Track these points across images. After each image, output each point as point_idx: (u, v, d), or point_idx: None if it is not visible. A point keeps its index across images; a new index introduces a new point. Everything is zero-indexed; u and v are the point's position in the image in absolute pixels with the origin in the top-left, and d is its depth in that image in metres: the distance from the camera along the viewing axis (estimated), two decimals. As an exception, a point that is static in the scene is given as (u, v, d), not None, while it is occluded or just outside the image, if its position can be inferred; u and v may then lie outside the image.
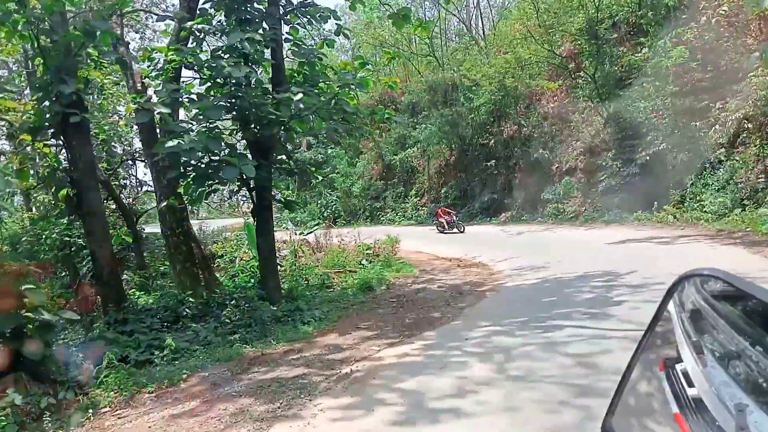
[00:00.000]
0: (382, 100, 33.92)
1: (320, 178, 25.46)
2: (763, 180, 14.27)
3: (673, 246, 13.13)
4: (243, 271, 13.72)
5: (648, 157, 18.80)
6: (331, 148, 36.52)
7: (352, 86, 10.98)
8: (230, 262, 16.93)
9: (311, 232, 17.53)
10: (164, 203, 11.23)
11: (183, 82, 11.86)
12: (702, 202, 15.92)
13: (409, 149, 33.64)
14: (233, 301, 9.81)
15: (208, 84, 10.47)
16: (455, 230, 22.72)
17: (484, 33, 35.67)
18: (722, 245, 11.98)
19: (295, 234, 16.15)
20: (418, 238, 21.48)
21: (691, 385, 1.25)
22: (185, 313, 9.81)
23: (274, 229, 22.94)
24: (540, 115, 26.34)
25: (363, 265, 14.64)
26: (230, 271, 14.97)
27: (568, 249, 14.90)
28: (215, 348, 7.76)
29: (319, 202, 36.33)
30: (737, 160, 15.48)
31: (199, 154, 9.41)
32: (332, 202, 36.24)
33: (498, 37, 29.30)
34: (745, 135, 15.05)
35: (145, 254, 16.33)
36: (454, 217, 23.47)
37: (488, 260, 15.03)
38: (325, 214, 33.73)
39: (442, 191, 30.87)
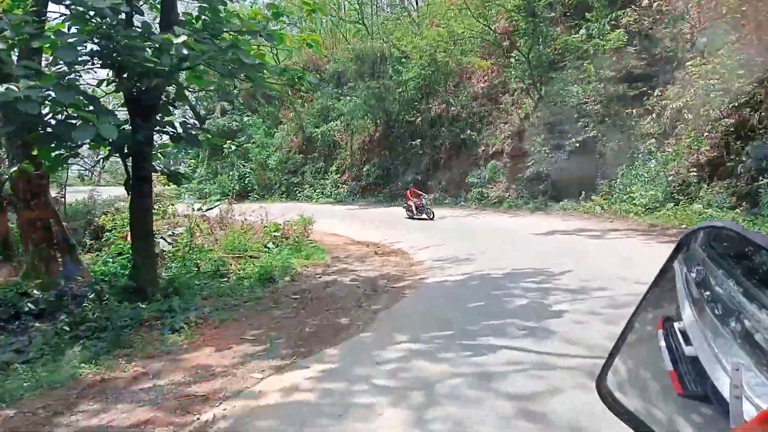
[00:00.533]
0: (306, 68, 31.61)
1: (222, 147, 22.56)
2: (695, 174, 13.68)
3: (605, 241, 12.31)
4: (122, 253, 11.55)
5: (577, 144, 18.04)
6: (247, 115, 33.69)
7: (262, 37, 9.15)
8: (122, 238, 14.62)
9: (211, 208, 15.39)
10: (14, 168, 8.95)
11: (53, 19, 9.63)
12: (632, 194, 15.25)
13: (332, 122, 31.60)
14: (93, 294, 7.78)
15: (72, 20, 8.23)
16: (424, 216, 19.19)
17: (417, 4, 34.01)
18: (658, 242, 11.18)
19: (193, 209, 14.00)
20: (335, 218, 20.01)
21: (688, 343, 1.13)
22: (28, 308, 7.73)
23: (176, 201, 20.46)
24: (470, 95, 25.28)
25: (268, 249, 12.82)
26: (114, 250, 12.77)
27: (493, 238, 13.84)
28: (46, 365, 5.81)
29: (230, 173, 33.52)
30: (669, 152, 14.86)
31: (56, 107, 7.36)
32: (245, 174, 33.57)
33: (431, 7, 27.77)
34: (681, 126, 14.40)
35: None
36: (424, 201, 19.79)
37: (408, 247, 13.74)
38: (236, 188, 31.06)
39: (365, 169, 29.27)
